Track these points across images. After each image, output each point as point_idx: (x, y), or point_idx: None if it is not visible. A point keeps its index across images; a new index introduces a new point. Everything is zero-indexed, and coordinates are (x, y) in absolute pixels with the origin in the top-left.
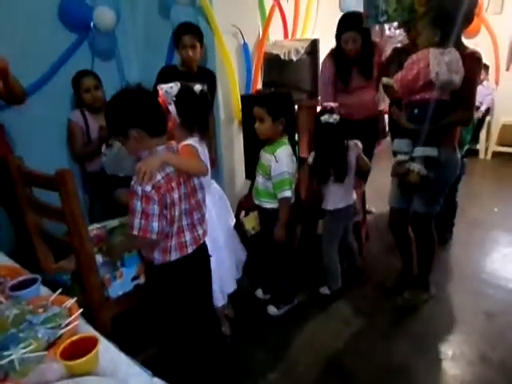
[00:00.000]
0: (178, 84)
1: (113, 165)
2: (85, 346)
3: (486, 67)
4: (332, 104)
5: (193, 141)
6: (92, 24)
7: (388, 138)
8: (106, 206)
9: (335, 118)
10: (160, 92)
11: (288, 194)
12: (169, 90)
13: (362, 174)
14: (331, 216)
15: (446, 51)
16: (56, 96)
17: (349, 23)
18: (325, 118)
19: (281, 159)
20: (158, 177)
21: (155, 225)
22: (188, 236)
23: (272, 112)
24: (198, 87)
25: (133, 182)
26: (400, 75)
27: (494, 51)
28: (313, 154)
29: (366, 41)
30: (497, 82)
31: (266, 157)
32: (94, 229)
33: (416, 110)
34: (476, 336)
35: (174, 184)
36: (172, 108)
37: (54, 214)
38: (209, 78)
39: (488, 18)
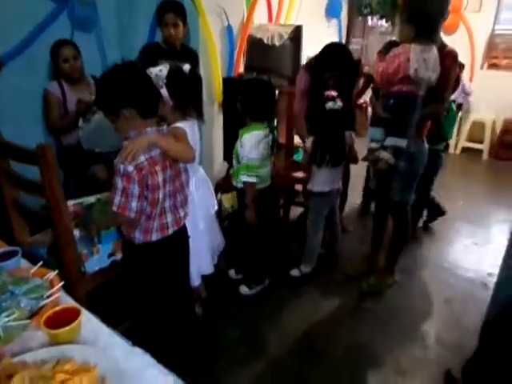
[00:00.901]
0: (167, 66)
1: (89, 140)
2: (67, 317)
3: (462, 65)
4: (333, 93)
5: (184, 124)
6: None
7: None
8: (82, 182)
9: (339, 104)
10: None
11: (245, 178)
12: (158, 73)
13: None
14: (317, 198)
15: (427, 49)
16: (32, 66)
17: (335, 63)
18: (329, 105)
19: (244, 144)
20: (142, 158)
21: (134, 204)
22: (169, 217)
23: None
24: (186, 67)
25: (116, 160)
26: (381, 67)
27: (471, 49)
28: (311, 139)
29: (347, 76)
30: (471, 80)
31: (238, 141)
32: (70, 205)
33: (392, 101)
34: (433, 320)
35: (158, 167)
36: (164, 91)
37: (32, 187)
38: (191, 57)
39: (466, 16)
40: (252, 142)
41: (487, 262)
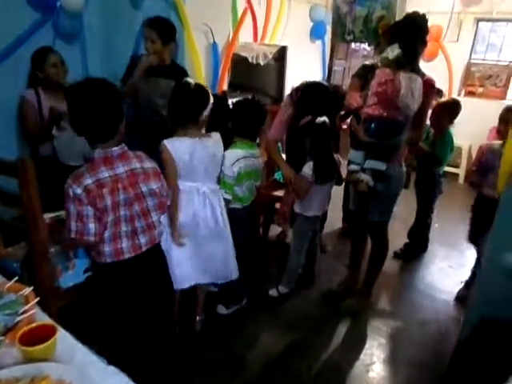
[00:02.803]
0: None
1: (65, 150)
2: (42, 334)
3: (440, 92)
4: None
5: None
6: (58, 4)
7: None
8: (58, 195)
9: (325, 119)
10: None
11: (224, 194)
12: None
13: None
14: (305, 221)
15: (413, 78)
16: (10, 75)
17: (325, 109)
18: (319, 119)
19: (224, 161)
20: (89, 180)
21: (91, 226)
22: (125, 243)
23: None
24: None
25: (65, 185)
26: (380, 89)
27: (449, 77)
28: (310, 163)
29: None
30: None
31: None
32: (47, 218)
33: (373, 125)
34: (406, 342)
35: (105, 190)
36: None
37: (9, 199)
38: (180, 73)
39: (445, 45)
40: (230, 159)
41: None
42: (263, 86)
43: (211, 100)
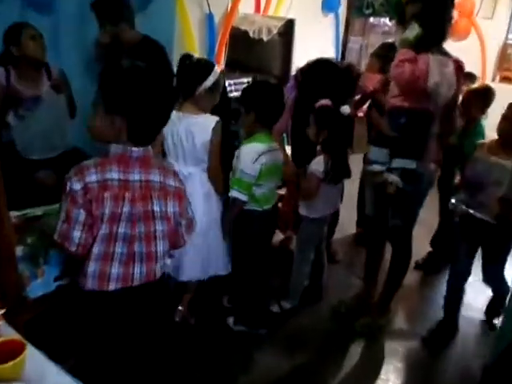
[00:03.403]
0: None
1: (25, 143)
2: (8, 351)
3: (472, 77)
4: (326, 101)
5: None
6: None
7: None
8: (26, 189)
9: (347, 108)
10: None
11: (235, 193)
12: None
13: None
14: (311, 225)
15: (445, 61)
16: None
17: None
18: (344, 109)
19: (240, 157)
20: (93, 177)
21: (76, 234)
22: (115, 268)
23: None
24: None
25: (66, 175)
26: (396, 72)
27: (482, 59)
28: (320, 158)
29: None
30: None
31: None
32: (12, 217)
33: (403, 119)
34: (427, 366)
35: (107, 195)
36: None
37: None
38: (153, 51)
39: (478, 23)
40: (251, 155)
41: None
42: (266, 65)
43: (214, 74)
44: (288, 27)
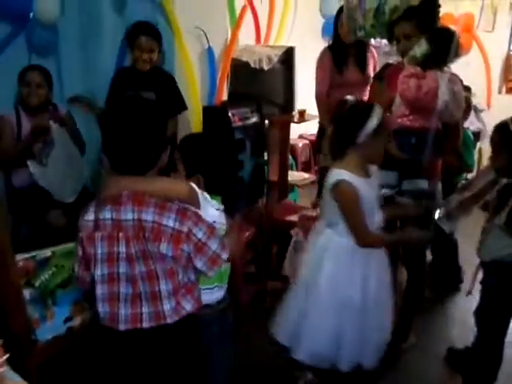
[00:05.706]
0: None
1: (55, 188)
2: None
3: (468, 88)
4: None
5: None
6: (31, 15)
7: None
8: (36, 230)
9: None
10: None
11: None
12: None
13: None
14: None
15: (454, 79)
16: None
17: None
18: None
19: None
20: (90, 217)
21: (77, 269)
22: (123, 309)
23: None
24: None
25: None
26: (401, 88)
27: (486, 71)
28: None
29: None
30: (488, 105)
31: None
32: (21, 259)
33: (413, 140)
34: None
35: (98, 235)
36: None
37: None
38: (166, 81)
39: (479, 36)
40: None
41: None
42: (269, 94)
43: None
44: (288, 54)
